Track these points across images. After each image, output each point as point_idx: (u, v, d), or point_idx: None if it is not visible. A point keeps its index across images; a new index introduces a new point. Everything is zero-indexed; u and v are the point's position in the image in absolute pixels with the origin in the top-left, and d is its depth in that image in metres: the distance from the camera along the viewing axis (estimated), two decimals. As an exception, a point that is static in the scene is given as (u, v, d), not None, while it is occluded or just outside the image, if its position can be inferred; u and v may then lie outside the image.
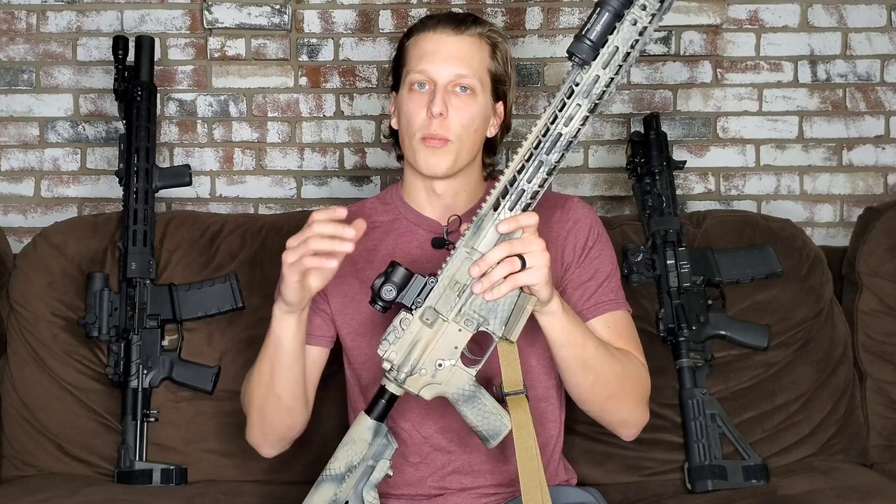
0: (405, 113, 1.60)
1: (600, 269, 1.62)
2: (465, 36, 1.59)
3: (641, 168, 2.18)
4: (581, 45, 1.33)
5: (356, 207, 1.73)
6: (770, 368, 2.04)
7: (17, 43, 2.57)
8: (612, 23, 1.32)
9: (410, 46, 1.62)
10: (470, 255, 1.37)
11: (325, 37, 2.58)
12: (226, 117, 2.58)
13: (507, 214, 1.37)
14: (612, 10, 1.32)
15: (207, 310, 2.03)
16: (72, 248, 2.09)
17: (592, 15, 1.33)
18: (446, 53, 1.58)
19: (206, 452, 2.01)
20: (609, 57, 1.33)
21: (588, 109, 1.35)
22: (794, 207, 2.58)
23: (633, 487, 1.96)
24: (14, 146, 2.57)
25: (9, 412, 2.03)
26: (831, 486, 1.82)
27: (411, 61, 1.60)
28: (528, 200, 1.37)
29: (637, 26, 1.32)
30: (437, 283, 1.38)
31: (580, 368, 1.49)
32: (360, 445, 1.42)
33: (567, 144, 1.36)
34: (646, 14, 1.32)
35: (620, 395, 1.55)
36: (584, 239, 1.62)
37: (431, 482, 1.61)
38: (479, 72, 1.59)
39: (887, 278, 2.11)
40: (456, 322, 1.38)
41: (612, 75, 1.33)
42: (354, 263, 1.64)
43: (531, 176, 1.36)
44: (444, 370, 1.40)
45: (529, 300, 1.38)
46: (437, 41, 1.59)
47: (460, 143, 1.58)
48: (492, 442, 1.42)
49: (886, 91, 2.59)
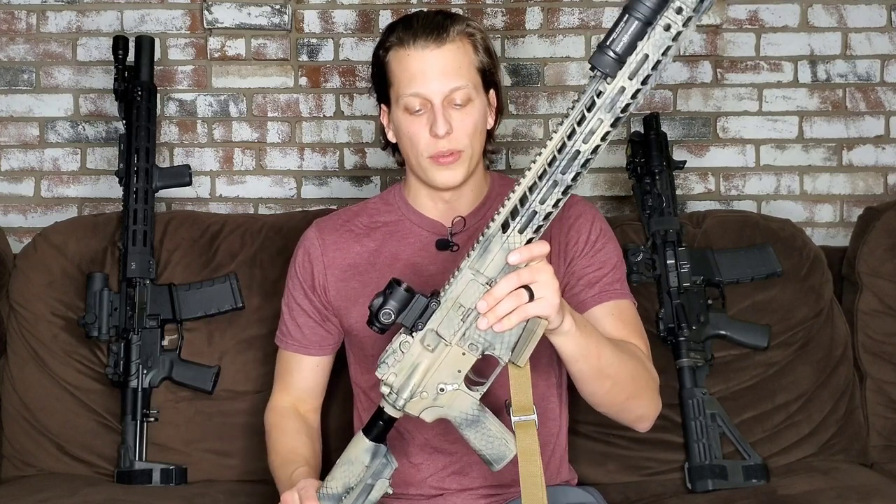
0: (406, 135, 1.56)
1: (606, 261, 1.61)
2: (448, 44, 1.52)
3: (641, 168, 2.18)
4: (604, 57, 1.19)
5: (358, 208, 1.72)
6: (770, 368, 2.04)
7: (17, 43, 2.57)
8: (642, 32, 1.17)
9: (393, 63, 1.55)
10: (475, 278, 1.28)
11: (325, 37, 2.58)
12: (226, 117, 2.58)
13: (516, 237, 1.26)
14: (641, 17, 1.17)
15: (207, 310, 2.03)
16: (72, 248, 2.09)
17: (619, 23, 1.18)
18: (435, 70, 1.52)
19: (206, 452, 2.01)
20: (637, 66, 1.18)
21: (610, 124, 1.21)
22: (794, 207, 2.58)
23: (633, 487, 1.96)
24: (14, 146, 2.57)
25: (9, 412, 2.03)
26: (831, 486, 1.82)
27: (399, 83, 1.54)
28: (541, 222, 1.26)
29: (671, 31, 1.17)
30: (439, 305, 1.30)
31: (596, 378, 1.43)
32: (358, 468, 1.38)
33: (585, 162, 1.23)
34: (681, 17, 1.17)
35: (637, 393, 1.50)
36: (586, 234, 1.62)
37: (432, 482, 1.61)
38: (470, 75, 1.54)
39: (887, 278, 2.11)
40: (459, 346, 1.31)
41: (640, 86, 1.19)
42: (356, 266, 1.64)
43: (544, 196, 1.24)
44: (447, 395, 1.33)
45: (540, 324, 1.29)
46: (421, 59, 1.52)
47: (471, 151, 1.56)
48: (495, 466, 1.37)
49: (886, 91, 2.59)
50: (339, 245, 1.66)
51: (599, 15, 2.59)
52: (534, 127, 2.59)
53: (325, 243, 1.67)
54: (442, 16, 1.56)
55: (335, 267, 1.65)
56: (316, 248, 1.67)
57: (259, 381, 1.99)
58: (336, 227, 1.68)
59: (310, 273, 1.67)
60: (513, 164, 2.58)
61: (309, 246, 1.68)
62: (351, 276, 1.64)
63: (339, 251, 1.66)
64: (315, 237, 1.68)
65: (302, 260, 1.68)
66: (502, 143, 2.57)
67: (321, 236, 1.68)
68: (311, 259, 1.67)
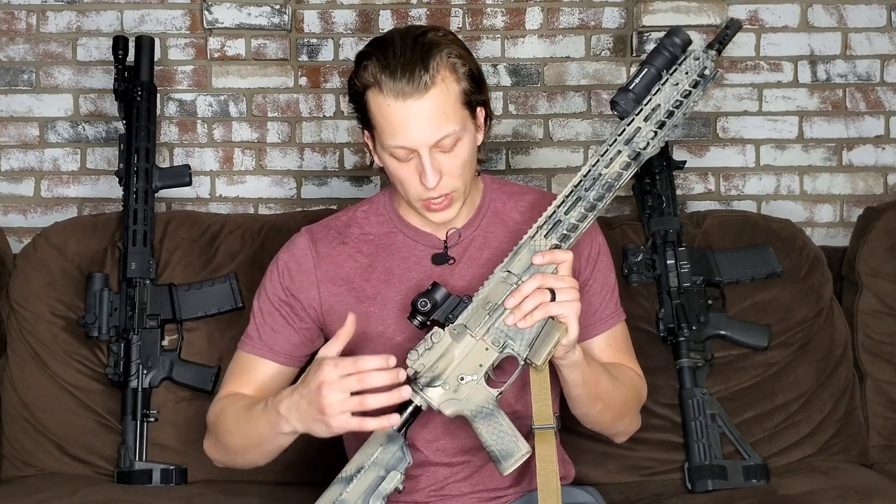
0: (395, 177, 1.52)
1: (605, 283, 1.64)
2: (431, 90, 1.43)
3: (641, 168, 2.18)
4: (624, 97, 1.43)
5: (347, 218, 1.66)
6: (770, 368, 2.04)
7: (17, 43, 2.57)
8: (654, 81, 1.42)
9: (372, 107, 1.47)
10: (506, 279, 1.43)
11: (325, 37, 2.58)
12: (226, 117, 2.58)
13: (541, 241, 1.43)
14: (654, 68, 1.42)
15: (207, 310, 2.03)
16: (72, 248, 2.09)
17: (641, 71, 1.42)
18: (420, 122, 1.44)
19: (205, 452, 2.00)
20: (649, 112, 1.42)
21: (629, 156, 1.43)
22: (794, 207, 2.58)
23: (633, 487, 1.96)
24: (14, 146, 2.57)
25: (9, 412, 2.03)
26: (831, 486, 1.82)
27: (382, 132, 1.47)
28: (565, 231, 1.43)
29: (679, 87, 1.41)
30: (471, 302, 1.44)
31: (591, 401, 1.56)
32: (373, 447, 1.43)
33: (608, 187, 1.43)
34: (687, 80, 1.41)
35: (623, 414, 1.64)
36: (587, 250, 1.62)
37: (431, 490, 1.60)
38: (457, 116, 1.47)
39: (887, 278, 2.11)
40: (483, 340, 1.43)
41: (654, 130, 1.42)
42: (350, 280, 1.60)
43: (569, 209, 1.43)
44: (467, 385, 1.43)
45: (558, 327, 1.40)
46: (403, 112, 1.44)
47: (463, 187, 1.53)
48: (503, 464, 1.43)
49: (886, 91, 2.59)
50: (332, 258, 1.61)
51: (599, 15, 2.59)
52: (534, 127, 2.59)
53: (318, 255, 1.61)
54: (420, 50, 1.45)
55: (328, 280, 1.60)
56: (308, 259, 1.61)
57: (259, 381, 1.98)
58: (329, 238, 1.63)
59: (297, 282, 1.61)
60: (513, 164, 2.59)
61: (300, 256, 1.62)
62: (345, 290, 1.60)
63: (333, 264, 1.61)
64: (307, 247, 1.62)
65: (288, 266, 1.62)
66: (502, 144, 2.57)
67: (314, 247, 1.62)
68: (302, 269, 1.61)
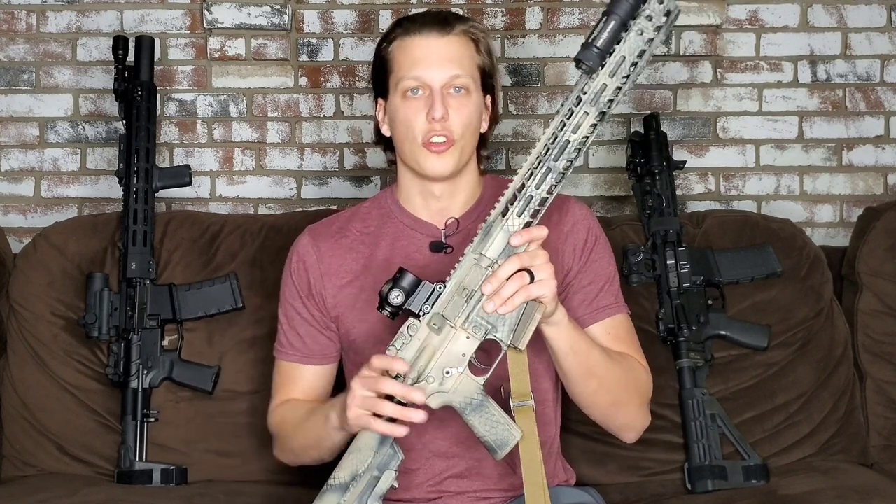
0: (402, 119, 1.58)
1: (600, 272, 1.63)
2: (452, 36, 1.58)
3: (641, 168, 2.18)
4: (588, 53, 1.34)
5: (350, 213, 1.72)
6: (770, 368, 2.04)
7: (17, 43, 2.57)
8: (619, 31, 1.34)
9: (396, 52, 1.59)
10: (478, 262, 1.38)
11: (325, 37, 2.58)
12: (226, 117, 2.58)
13: (514, 220, 1.38)
14: (618, 18, 1.33)
15: (207, 310, 2.03)
16: (72, 248, 2.09)
17: (599, 23, 1.34)
18: (437, 56, 1.56)
19: (206, 452, 2.01)
20: (615, 66, 1.34)
21: (595, 118, 1.36)
22: (794, 207, 2.58)
23: (633, 487, 1.96)
24: (14, 146, 2.57)
25: (9, 412, 2.03)
26: (831, 486, 1.82)
27: (401, 68, 1.58)
28: (537, 207, 1.38)
29: (644, 36, 1.33)
30: (445, 289, 1.39)
31: (584, 376, 1.51)
32: (366, 454, 1.41)
33: (575, 151, 1.37)
34: (651, 25, 1.33)
35: (623, 400, 1.58)
36: (582, 241, 1.62)
37: (429, 486, 1.61)
38: (471, 70, 1.59)
39: (887, 278, 2.11)
40: (464, 329, 1.39)
41: (619, 84, 1.35)
42: (353, 272, 1.64)
43: (539, 182, 1.37)
44: (452, 378, 1.39)
45: (537, 308, 1.37)
46: (425, 45, 1.57)
47: (463, 142, 1.58)
48: (499, 452, 1.41)
49: (886, 91, 2.59)
50: (334, 252, 1.66)
51: (599, 15, 2.59)
52: (534, 127, 2.59)
53: (320, 251, 1.66)
54: (448, 13, 1.63)
55: (332, 274, 1.65)
56: (311, 255, 1.66)
57: (259, 382, 1.98)
58: (331, 234, 1.68)
59: (306, 281, 1.66)
60: (513, 164, 2.58)
61: (304, 254, 1.67)
62: (348, 282, 1.64)
63: (335, 258, 1.65)
64: (310, 245, 1.67)
65: (297, 268, 1.67)
66: (502, 143, 2.57)
67: (316, 244, 1.67)
68: (307, 267, 1.66)
